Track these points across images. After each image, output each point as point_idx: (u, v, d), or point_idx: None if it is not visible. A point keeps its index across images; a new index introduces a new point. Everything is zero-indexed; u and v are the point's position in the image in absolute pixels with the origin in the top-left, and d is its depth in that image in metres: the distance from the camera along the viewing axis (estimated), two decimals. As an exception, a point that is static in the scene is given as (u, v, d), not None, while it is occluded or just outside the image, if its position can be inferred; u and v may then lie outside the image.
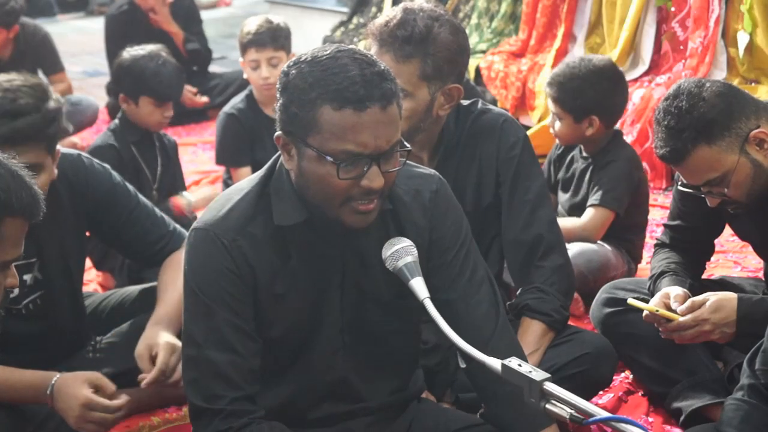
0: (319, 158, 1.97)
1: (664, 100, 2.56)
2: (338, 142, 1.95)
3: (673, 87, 2.59)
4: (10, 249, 1.94)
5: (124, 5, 6.33)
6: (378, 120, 1.95)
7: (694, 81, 2.57)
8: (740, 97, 2.54)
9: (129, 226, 2.81)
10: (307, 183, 2.03)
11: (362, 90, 1.93)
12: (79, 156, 2.78)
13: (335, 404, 2.24)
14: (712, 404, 2.71)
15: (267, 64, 4.35)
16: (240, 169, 4.36)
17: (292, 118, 1.99)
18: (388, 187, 2.04)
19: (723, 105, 2.49)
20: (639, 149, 5.10)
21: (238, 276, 2.08)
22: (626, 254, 3.64)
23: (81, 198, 2.73)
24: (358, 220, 2.04)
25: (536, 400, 1.69)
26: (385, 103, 1.95)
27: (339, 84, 1.93)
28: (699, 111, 2.48)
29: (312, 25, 8.32)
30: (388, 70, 2.00)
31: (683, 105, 2.50)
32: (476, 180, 2.75)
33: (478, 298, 2.22)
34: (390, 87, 1.97)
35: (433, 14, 2.60)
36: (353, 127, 1.94)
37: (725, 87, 2.56)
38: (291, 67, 2.01)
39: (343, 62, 1.96)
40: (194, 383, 2.10)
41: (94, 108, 6.11)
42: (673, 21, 5.37)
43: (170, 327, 2.67)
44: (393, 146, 1.99)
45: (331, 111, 1.94)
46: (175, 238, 2.85)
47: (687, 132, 2.49)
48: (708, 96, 2.50)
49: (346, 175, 1.96)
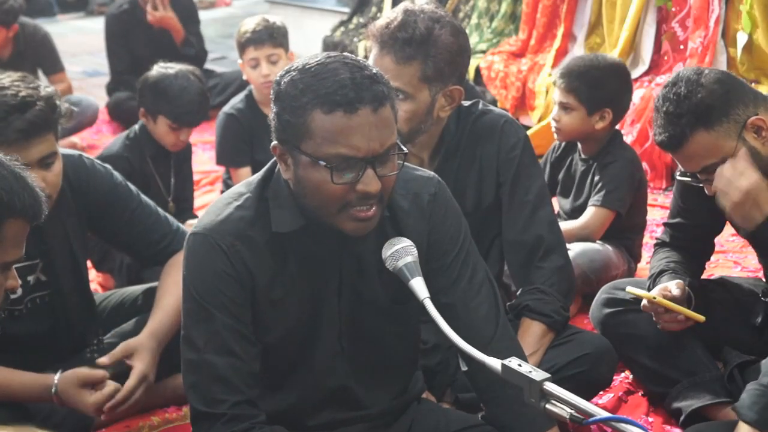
0: (313, 164, 1.96)
1: (664, 87, 2.57)
2: (330, 146, 1.94)
3: (672, 75, 2.59)
4: (10, 250, 1.94)
5: (125, 4, 6.33)
6: (370, 122, 1.93)
7: (693, 69, 2.58)
8: (738, 85, 2.55)
9: (131, 226, 2.81)
10: (304, 191, 2.02)
11: (352, 93, 1.92)
12: (80, 157, 2.78)
13: (335, 411, 2.24)
14: (712, 404, 2.71)
15: (266, 61, 4.35)
16: (240, 169, 4.36)
17: (285, 125, 1.98)
18: (387, 192, 2.03)
19: (721, 91, 2.50)
20: (639, 149, 5.11)
21: (236, 280, 2.07)
22: (626, 253, 3.65)
23: (83, 198, 2.73)
24: (357, 228, 2.03)
25: (536, 400, 1.69)
26: (377, 105, 1.94)
27: (329, 88, 1.92)
28: (697, 97, 2.49)
29: (312, 25, 8.32)
30: (380, 73, 1.99)
31: (682, 91, 2.51)
32: (477, 181, 2.75)
33: (478, 300, 2.22)
34: (382, 89, 1.96)
35: (434, 16, 2.60)
36: (344, 129, 1.93)
37: (724, 75, 2.56)
38: (282, 76, 2.00)
39: (333, 67, 1.95)
40: (195, 387, 2.10)
41: (94, 108, 6.11)
42: (673, 21, 5.37)
43: (163, 339, 2.67)
44: (388, 149, 1.98)
45: (322, 115, 1.93)
46: (179, 236, 2.85)
47: (685, 117, 2.49)
48: (706, 82, 2.50)
49: (340, 180, 1.95)
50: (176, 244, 2.83)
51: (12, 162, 1.93)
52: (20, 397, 2.56)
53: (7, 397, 2.54)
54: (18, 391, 2.54)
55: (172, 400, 2.91)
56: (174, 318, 2.67)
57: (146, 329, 2.69)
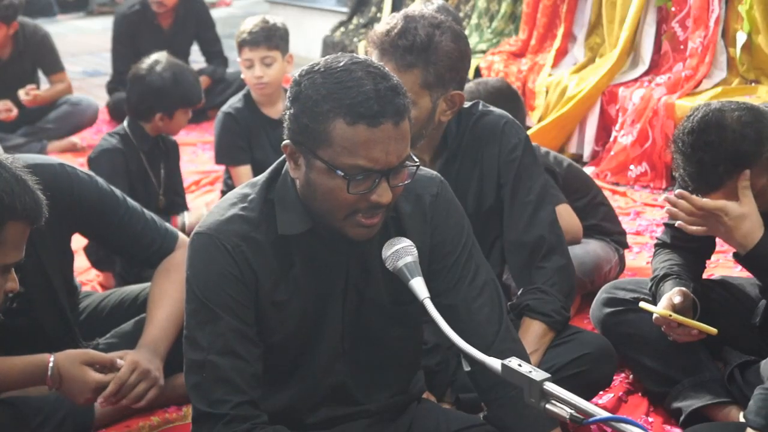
0: (329, 171, 1.96)
1: (688, 133, 2.53)
2: (350, 157, 1.94)
3: (693, 118, 2.55)
4: (11, 252, 1.94)
5: (136, 5, 6.33)
6: (390, 136, 1.94)
7: (714, 109, 2.54)
8: (765, 120, 2.53)
9: (121, 231, 2.76)
10: (313, 194, 2.02)
11: (376, 105, 1.91)
12: (62, 166, 2.67)
13: (334, 409, 2.24)
14: (712, 404, 2.71)
15: (260, 63, 4.34)
16: (239, 167, 4.36)
17: (303, 129, 1.97)
18: (394, 200, 2.03)
19: (754, 134, 2.49)
20: (639, 149, 5.13)
21: (241, 281, 2.07)
22: (612, 243, 3.65)
23: (66, 209, 2.61)
24: (361, 233, 2.03)
25: (536, 400, 1.69)
26: (398, 119, 1.94)
27: (353, 98, 1.92)
28: (730, 143, 2.47)
29: (312, 25, 8.33)
30: (400, 84, 1.99)
31: (712, 139, 2.49)
32: (478, 182, 2.75)
33: (481, 302, 2.22)
34: (403, 102, 1.96)
35: (434, 21, 2.59)
36: (366, 142, 1.93)
37: (749, 114, 2.53)
38: (303, 77, 1.99)
39: (358, 75, 1.94)
40: (198, 387, 2.09)
41: (94, 108, 6.11)
42: (673, 21, 5.37)
43: (157, 351, 2.65)
44: (403, 161, 1.99)
45: (344, 125, 1.92)
46: (168, 239, 2.83)
47: (722, 166, 2.49)
48: (736, 126, 2.49)
49: (355, 190, 1.95)
50: (166, 247, 2.81)
51: (13, 164, 1.93)
52: (10, 382, 2.52)
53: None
54: (6, 375, 2.49)
55: (172, 400, 2.91)
56: (166, 331, 2.67)
57: (139, 343, 2.67)
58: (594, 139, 5.48)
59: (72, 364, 2.49)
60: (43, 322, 2.69)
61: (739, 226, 2.49)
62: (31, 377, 2.51)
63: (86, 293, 3.14)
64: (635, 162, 5.14)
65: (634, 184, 5.14)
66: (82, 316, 2.99)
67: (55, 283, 2.71)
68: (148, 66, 3.87)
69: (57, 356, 2.50)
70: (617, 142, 5.25)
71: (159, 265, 2.82)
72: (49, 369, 2.49)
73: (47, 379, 2.50)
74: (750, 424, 2.33)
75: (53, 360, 2.49)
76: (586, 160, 5.45)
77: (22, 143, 5.66)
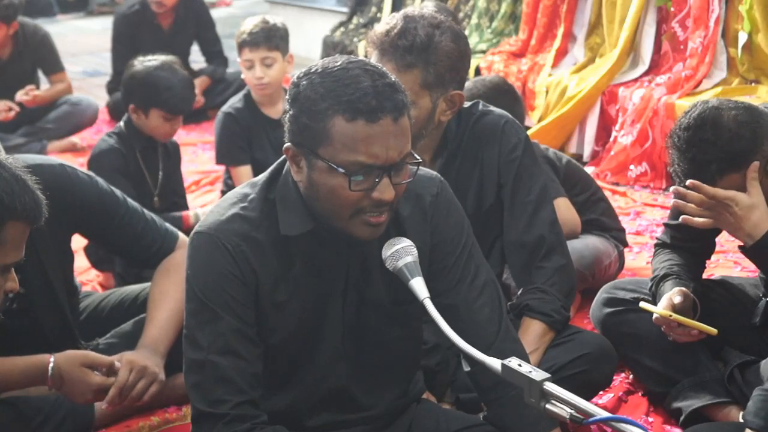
0: (330, 170, 1.96)
1: (684, 129, 2.53)
2: (350, 154, 1.94)
3: (690, 114, 2.56)
4: (11, 252, 1.94)
5: (136, 5, 6.33)
6: (390, 131, 1.94)
7: (711, 107, 2.54)
8: (762, 120, 2.52)
9: (121, 232, 2.76)
10: (317, 195, 2.02)
11: (374, 101, 1.92)
12: (62, 166, 2.67)
13: (334, 413, 2.24)
14: (712, 404, 2.71)
15: (261, 64, 4.34)
16: (239, 167, 4.36)
17: (303, 129, 1.98)
18: (398, 198, 2.03)
19: (749, 134, 2.48)
20: (639, 149, 5.13)
21: (241, 281, 2.07)
22: (612, 239, 3.65)
23: (66, 209, 2.61)
24: (368, 232, 2.03)
25: (536, 400, 1.69)
26: (397, 114, 1.95)
27: (351, 95, 1.92)
28: (725, 141, 2.47)
29: (312, 25, 8.33)
30: (398, 81, 2.00)
31: (708, 137, 2.49)
32: (478, 182, 2.76)
33: (481, 302, 2.22)
34: (401, 98, 1.96)
35: (434, 21, 2.59)
36: (365, 138, 1.93)
37: (746, 113, 2.53)
38: (301, 78, 1.99)
39: (355, 73, 1.95)
40: (197, 387, 2.09)
41: (94, 108, 6.12)
42: (673, 21, 5.37)
43: (157, 352, 2.65)
44: (404, 158, 1.99)
45: (343, 122, 1.93)
46: (168, 239, 2.83)
47: (715, 164, 2.49)
48: (732, 125, 2.48)
49: (357, 187, 1.96)
50: (166, 247, 2.81)
51: (13, 164, 1.93)
52: (10, 382, 2.52)
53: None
54: (7, 375, 2.49)
55: (172, 400, 2.91)
56: (166, 332, 2.67)
57: (139, 343, 2.67)
58: (594, 139, 5.48)
59: (72, 365, 2.49)
60: (43, 323, 2.69)
61: (748, 217, 2.48)
62: (31, 378, 2.52)
63: (86, 293, 3.14)
64: (635, 162, 5.15)
65: (634, 184, 5.14)
66: (82, 316, 2.99)
67: (55, 283, 2.70)
68: (145, 59, 3.89)
69: (57, 357, 2.50)
70: (617, 142, 5.26)
71: (159, 265, 2.82)
72: (49, 370, 2.49)
73: (48, 379, 2.50)
74: (749, 425, 2.33)
75: (53, 361, 2.49)
76: (586, 160, 5.45)
77: (22, 143, 5.67)
